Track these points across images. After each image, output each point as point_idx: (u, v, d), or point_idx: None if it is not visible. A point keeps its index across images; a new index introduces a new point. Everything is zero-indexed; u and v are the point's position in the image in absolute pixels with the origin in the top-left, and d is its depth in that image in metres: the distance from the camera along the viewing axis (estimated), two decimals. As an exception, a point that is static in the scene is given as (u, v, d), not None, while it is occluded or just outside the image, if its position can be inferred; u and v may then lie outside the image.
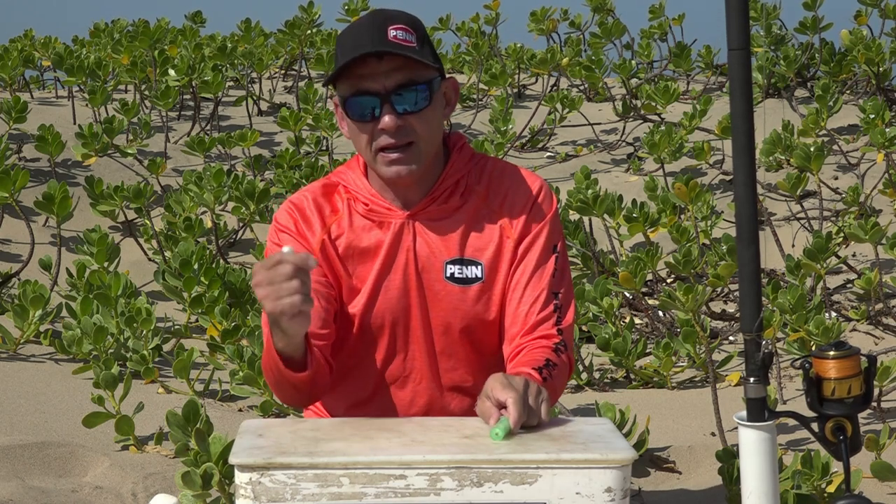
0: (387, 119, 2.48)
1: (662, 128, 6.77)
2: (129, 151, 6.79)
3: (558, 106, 7.43)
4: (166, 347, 4.83)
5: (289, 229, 2.61)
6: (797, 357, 3.90)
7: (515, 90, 8.45)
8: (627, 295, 5.34)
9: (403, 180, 2.54)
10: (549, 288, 2.58)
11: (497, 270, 2.59)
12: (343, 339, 2.62)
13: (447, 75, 2.62)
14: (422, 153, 2.53)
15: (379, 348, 2.62)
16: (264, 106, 8.16)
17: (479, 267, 2.59)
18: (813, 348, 3.97)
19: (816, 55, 7.89)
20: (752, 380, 2.32)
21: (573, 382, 4.64)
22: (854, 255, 5.91)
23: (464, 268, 2.58)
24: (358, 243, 2.60)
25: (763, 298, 2.68)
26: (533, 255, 2.59)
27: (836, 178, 6.75)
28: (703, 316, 5.16)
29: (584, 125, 7.75)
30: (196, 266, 5.03)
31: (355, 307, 2.60)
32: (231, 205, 6.28)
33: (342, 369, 2.64)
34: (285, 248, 2.19)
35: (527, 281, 2.58)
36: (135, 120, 7.06)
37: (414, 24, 2.53)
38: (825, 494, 3.11)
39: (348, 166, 2.66)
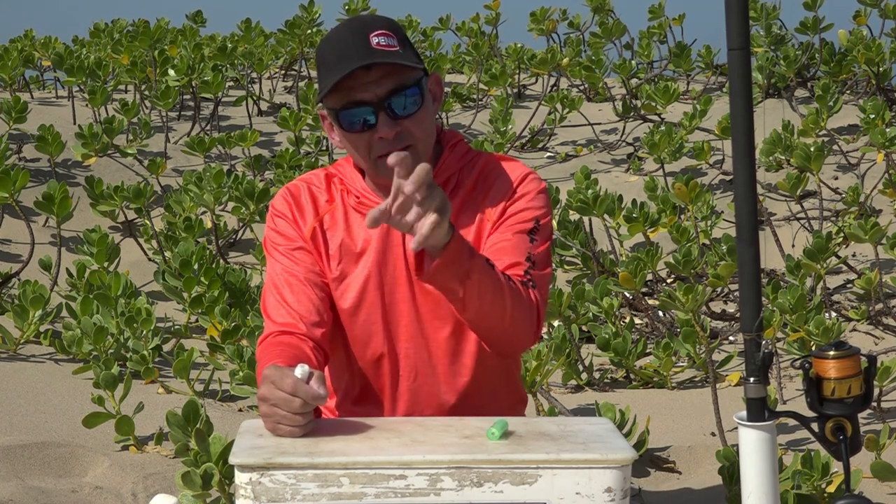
0: (384, 128, 2.48)
1: (662, 128, 6.77)
2: (129, 151, 6.79)
3: (558, 106, 7.43)
4: (166, 347, 4.83)
5: (284, 215, 2.62)
6: (797, 357, 3.90)
7: (515, 90, 8.45)
8: (627, 295, 5.34)
9: None
10: (523, 246, 2.52)
11: None
12: (333, 335, 2.61)
13: (430, 71, 2.60)
14: (420, 155, 2.52)
15: (370, 345, 2.61)
16: (264, 106, 8.16)
17: None
18: (813, 348, 3.97)
19: (816, 55, 7.89)
20: (752, 380, 2.32)
21: (573, 382, 4.64)
22: (854, 255, 5.91)
23: None
24: (349, 237, 2.60)
25: (763, 298, 2.68)
26: (510, 221, 2.55)
27: (836, 178, 6.75)
28: (703, 316, 5.16)
29: (584, 125, 7.75)
30: (196, 266, 5.03)
31: (345, 303, 2.60)
32: (231, 205, 6.29)
33: (336, 367, 2.64)
34: (298, 371, 2.18)
35: (498, 240, 2.53)
36: (135, 120, 7.06)
37: (392, 27, 2.52)
38: (825, 494, 3.11)
39: (347, 160, 2.67)
